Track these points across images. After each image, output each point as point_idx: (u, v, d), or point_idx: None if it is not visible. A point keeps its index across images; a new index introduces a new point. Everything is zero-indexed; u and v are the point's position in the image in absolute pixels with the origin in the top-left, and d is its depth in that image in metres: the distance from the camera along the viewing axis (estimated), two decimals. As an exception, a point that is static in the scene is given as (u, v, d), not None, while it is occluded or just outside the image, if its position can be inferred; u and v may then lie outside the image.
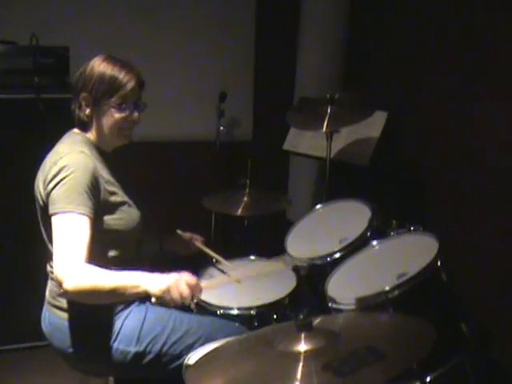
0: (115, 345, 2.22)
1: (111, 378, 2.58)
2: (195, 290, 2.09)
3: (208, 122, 4.15)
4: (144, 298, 2.11)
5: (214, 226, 3.93)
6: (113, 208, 2.24)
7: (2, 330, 3.48)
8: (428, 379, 2.07)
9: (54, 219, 2.08)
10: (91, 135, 2.32)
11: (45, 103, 3.26)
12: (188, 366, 2.01)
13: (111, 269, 2.07)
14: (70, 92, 2.35)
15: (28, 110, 3.30)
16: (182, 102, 4.27)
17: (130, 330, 2.24)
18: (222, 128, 4.09)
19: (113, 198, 2.25)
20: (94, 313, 2.19)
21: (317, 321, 1.69)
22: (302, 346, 1.54)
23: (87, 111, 2.28)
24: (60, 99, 3.22)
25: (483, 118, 3.02)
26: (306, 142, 3.66)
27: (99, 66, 2.26)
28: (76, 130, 2.34)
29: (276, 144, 3.82)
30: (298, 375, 1.43)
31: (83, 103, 2.28)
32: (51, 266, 2.07)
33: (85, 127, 2.32)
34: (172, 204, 4.12)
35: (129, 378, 2.42)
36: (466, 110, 3.13)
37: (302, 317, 1.60)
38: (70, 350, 2.28)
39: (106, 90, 2.25)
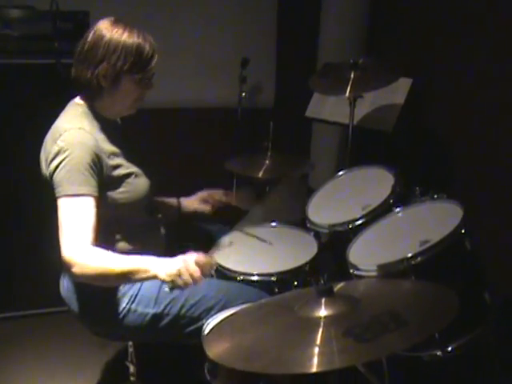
0: (133, 307, 2.22)
1: (130, 343, 2.60)
2: (205, 267, 2.04)
3: (230, 88, 4.11)
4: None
5: (235, 190, 3.91)
6: (117, 182, 2.20)
7: (21, 295, 3.51)
8: (449, 348, 2.06)
9: (58, 202, 2.05)
10: (98, 104, 2.23)
11: (65, 68, 3.23)
12: (207, 330, 2.00)
13: (119, 243, 2.07)
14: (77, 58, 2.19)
15: (48, 75, 3.28)
16: (204, 68, 4.22)
17: (148, 292, 2.23)
18: (243, 94, 4.05)
19: (116, 172, 2.20)
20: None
21: (338, 287, 1.67)
22: (323, 312, 1.53)
23: (103, 82, 2.16)
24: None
25: (508, 84, 2.96)
26: (329, 108, 3.62)
27: (121, 35, 2.13)
28: (78, 101, 2.26)
29: (298, 111, 3.78)
30: (318, 341, 1.42)
31: (101, 73, 2.14)
32: None
33: (93, 96, 2.22)
34: (193, 170, 4.10)
35: (147, 342, 2.42)
36: (491, 77, 3.08)
37: (322, 282, 1.58)
38: (88, 315, 2.30)
39: (132, 64, 2.15)
